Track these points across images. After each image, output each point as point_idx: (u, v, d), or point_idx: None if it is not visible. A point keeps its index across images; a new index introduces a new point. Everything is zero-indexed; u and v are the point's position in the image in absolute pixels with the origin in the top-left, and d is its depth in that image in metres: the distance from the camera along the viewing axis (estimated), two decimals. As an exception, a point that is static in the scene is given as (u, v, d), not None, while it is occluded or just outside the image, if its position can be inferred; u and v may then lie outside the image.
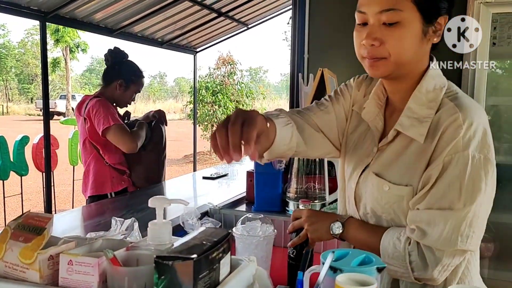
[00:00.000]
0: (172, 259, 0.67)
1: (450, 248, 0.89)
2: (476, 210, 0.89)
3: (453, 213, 0.89)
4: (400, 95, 1.01)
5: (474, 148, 0.89)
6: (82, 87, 38.96)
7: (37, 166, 4.75)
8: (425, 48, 0.95)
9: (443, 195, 0.90)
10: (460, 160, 0.89)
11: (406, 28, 0.90)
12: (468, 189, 0.88)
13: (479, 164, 0.89)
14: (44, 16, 3.65)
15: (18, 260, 0.72)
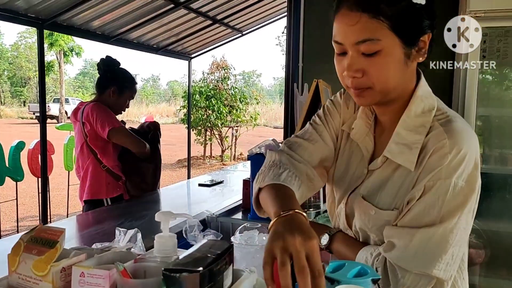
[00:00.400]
0: (179, 271, 0.71)
1: (413, 268, 0.88)
2: (446, 236, 0.87)
3: (420, 231, 0.87)
4: (389, 116, 0.98)
5: (458, 176, 0.86)
6: (75, 90, 38.79)
7: (33, 171, 4.75)
8: (410, 69, 0.91)
9: (418, 215, 0.88)
10: (441, 187, 0.87)
11: (388, 56, 0.85)
12: (443, 214, 0.87)
13: (461, 192, 0.87)
14: (41, 23, 3.68)
15: (32, 272, 0.75)
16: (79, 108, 2.53)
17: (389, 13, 0.83)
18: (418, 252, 0.87)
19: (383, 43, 0.84)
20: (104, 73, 2.60)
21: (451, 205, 0.87)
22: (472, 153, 0.87)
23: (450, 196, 0.86)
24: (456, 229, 0.87)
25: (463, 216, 0.88)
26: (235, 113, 11.56)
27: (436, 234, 0.87)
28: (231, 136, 12.12)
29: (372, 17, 0.83)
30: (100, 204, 2.46)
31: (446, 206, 0.87)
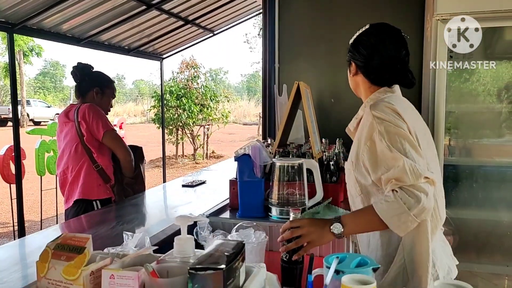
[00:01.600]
0: (204, 269, 0.78)
1: (420, 179, 1.18)
2: (410, 156, 1.21)
3: (399, 163, 1.20)
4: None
5: (385, 124, 1.26)
6: (36, 91, 37.52)
7: (4, 177, 4.64)
8: (357, 80, 1.50)
9: (383, 160, 1.24)
10: (378, 135, 1.26)
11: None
12: (393, 147, 1.23)
13: (394, 134, 1.25)
14: (11, 28, 3.61)
15: (62, 277, 0.80)
16: (71, 109, 2.57)
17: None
18: (413, 169, 1.19)
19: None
20: (82, 77, 2.66)
21: (392, 140, 1.24)
22: (390, 109, 1.30)
23: (387, 135, 1.25)
24: (408, 154, 1.22)
25: (406, 145, 1.23)
26: (206, 111, 11.57)
27: (406, 158, 1.21)
28: (202, 134, 12.11)
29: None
30: (90, 205, 2.49)
31: (390, 142, 1.24)
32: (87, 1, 3.87)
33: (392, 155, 1.22)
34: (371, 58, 1.42)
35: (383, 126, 1.26)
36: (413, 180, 1.17)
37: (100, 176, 2.54)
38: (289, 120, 2.30)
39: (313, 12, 3.12)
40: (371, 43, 1.42)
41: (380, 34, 1.43)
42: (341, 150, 2.55)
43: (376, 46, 1.42)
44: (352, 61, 1.47)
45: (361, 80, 1.47)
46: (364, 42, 1.43)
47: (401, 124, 1.26)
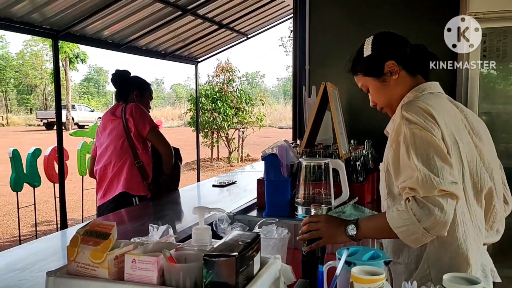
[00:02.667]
0: (218, 256, 0.83)
1: (434, 191, 1.09)
2: (433, 164, 1.12)
3: (417, 171, 1.13)
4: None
5: (413, 126, 1.18)
6: (81, 96, 39.10)
7: (49, 177, 4.89)
8: (394, 85, 1.39)
9: (405, 166, 1.18)
10: (404, 138, 1.20)
11: (372, 89, 1.43)
12: (417, 153, 1.15)
13: (420, 137, 1.17)
14: (56, 35, 3.82)
15: (89, 260, 0.87)
16: (117, 107, 2.74)
17: (359, 68, 1.43)
18: (428, 180, 1.11)
19: (366, 84, 1.44)
20: (122, 83, 2.83)
21: (419, 147, 1.16)
22: (418, 109, 1.21)
23: (413, 139, 1.17)
24: (434, 159, 1.14)
25: (433, 148, 1.15)
26: (241, 114, 11.68)
27: (426, 166, 1.13)
28: (237, 137, 12.24)
29: (356, 74, 1.46)
30: (129, 201, 2.60)
31: (414, 147, 1.17)
32: (126, 8, 4.05)
33: (409, 163, 1.16)
34: (404, 44, 1.39)
35: (409, 129, 1.18)
36: (425, 192, 1.10)
37: (140, 173, 2.66)
38: (317, 121, 2.33)
39: (343, 14, 3.13)
40: (390, 37, 1.42)
41: (386, 34, 1.45)
42: (370, 151, 2.55)
43: (396, 37, 1.42)
44: (388, 63, 1.36)
45: (401, 80, 1.37)
46: (384, 40, 1.42)
47: (431, 127, 1.17)
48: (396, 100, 1.38)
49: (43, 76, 32.21)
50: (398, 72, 1.36)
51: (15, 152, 4.46)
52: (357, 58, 1.44)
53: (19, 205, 4.74)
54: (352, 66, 1.46)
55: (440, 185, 1.09)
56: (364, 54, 1.41)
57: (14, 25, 3.45)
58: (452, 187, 1.10)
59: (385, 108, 1.44)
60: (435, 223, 1.08)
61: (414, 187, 1.12)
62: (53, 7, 3.52)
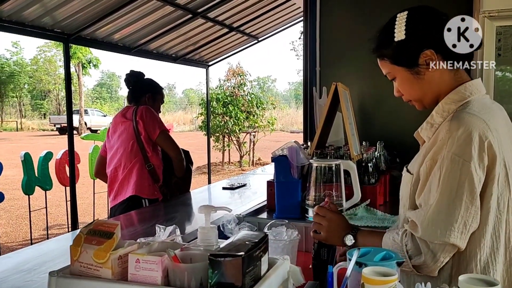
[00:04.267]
0: (223, 256, 0.80)
1: (433, 240, 1.02)
2: (451, 207, 1.01)
3: (429, 208, 1.04)
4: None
5: (455, 151, 1.02)
6: (93, 101, 39.51)
7: (60, 180, 4.92)
8: (430, 79, 1.15)
9: (426, 193, 1.07)
10: (440, 161, 1.04)
11: (400, 79, 1.19)
12: (443, 188, 1.02)
13: (457, 167, 1.01)
14: (67, 38, 3.85)
15: (92, 260, 0.85)
16: (128, 110, 2.71)
17: (387, 53, 1.17)
18: (434, 225, 1.02)
19: (393, 73, 1.19)
20: (135, 84, 2.82)
21: (450, 177, 1.02)
22: (469, 134, 1.02)
23: (447, 168, 1.03)
24: (459, 200, 1.01)
25: (464, 187, 1.01)
26: (252, 118, 11.67)
27: (442, 207, 1.02)
28: (248, 141, 12.22)
29: (381, 59, 1.20)
30: (139, 203, 2.59)
31: (445, 179, 1.03)
32: (136, 12, 4.07)
33: (432, 189, 1.05)
34: (441, 29, 1.11)
35: (451, 155, 1.02)
36: (425, 236, 1.02)
37: (151, 176, 2.64)
38: (328, 122, 2.29)
39: (353, 15, 3.09)
40: (429, 17, 1.14)
41: (424, 11, 1.16)
42: (382, 153, 2.50)
43: (436, 16, 1.14)
44: (426, 53, 1.12)
45: (438, 73, 1.14)
46: (422, 21, 1.14)
47: (477, 158, 1.01)
48: (430, 97, 1.17)
49: (56, 82, 32.64)
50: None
51: (26, 155, 4.50)
52: (384, 40, 1.17)
53: (31, 208, 4.77)
54: (377, 48, 1.20)
55: (444, 237, 1.01)
56: (396, 37, 1.13)
57: (26, 29, 3.49)
58: (457, 240, 1.01)
59: (414, 102, 1.21)
60: (424, 266, 1.04)
61: (417, 225, 1.04)
62: (64, 11, 3.55)
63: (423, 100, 1.19)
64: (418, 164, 1.13)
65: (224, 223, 1.09)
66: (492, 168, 1.03)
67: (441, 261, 1.04)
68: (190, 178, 2.93)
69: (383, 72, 1.23)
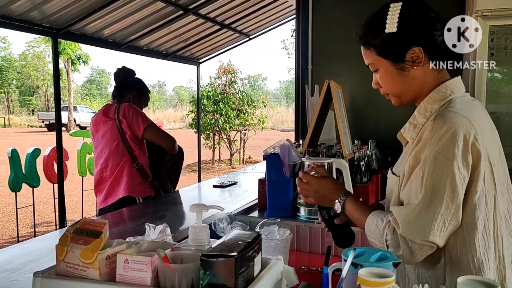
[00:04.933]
0: (216, 256, 0.77)
1: (413, 238, 1.01)
2: (433, 206, 1.00)
3: (411, 206, 1.03)
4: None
5: (438, 150, 1.01)
6: (83, 98, 39.12)
7: (48, 177, 4.85)
8: (413, 76, 1.12)
9: (409, 190, 1.06)
10: (423, 160, 1.03)
11: (383, 72, 1.15)
12: (425, 185, 1.01)
13: (440, 166, 1.00)
14: (56, 33, 3.79)
15: (79, 260, 0.82)
16: (110, 108, 2.63)
17: (374, 43, 1.12)
18: (415, 224, 1.02)
19: (377, 65, 1.15)
20: (124, 80, 2.76)
21: (432, 175, 1.01)
22: (453, 133, 1.00)
23: (430, 167, 1.02)
24: (439, 199, 1.00)
25: (446, 186, 1.00)
26: (243, 116, 11.64)
27: (423, 206, 1.01)
28: (239, 139, 12.19)
29: (366, 48, 1.15)
30: (133, 202, 2.53)
31: (427, 177, 1.02)
32: (127, 7, 4.01)
33: (414, 188, 1.04)
34: (436, 25, 1.09)
35: (434, 153, 1.01)
36: (406, 233, 1.01)
37: (140, 174, 2.60)
38: (320, 120, 2.27)
39: (346, 13, 3.08)
40: (423, 13, 1.10)
41: (418, 5, 1.12)
42: (374, 151, 2.49)
43: (429, 13, 1.10)
44: (414, 50, 1.08)
45: (422, 71, 1.11)
46: (416, 16, 1.09)
47: (461, 157, 1.00)
48: (411, 94, 1.15)
49: (45, 78, 32.26)
50: (422, 62, 1.10)
51: (14, 152, 4.42)
52: (374, 29, 1.12)
53: (18, 205, 4.69)
54: (364, 35, 1.15)
55: (423, 236, 1.00)
56: (386, 28, 1.09)
57: (14, 23, 3.42)
58: (436, 238, 1.01)
59: (392, 97, 1.18)
60: (401, 258, 1.00)
61: (397, 223, 1.03)
62: (53, 5, 3.48)
63: (402, 96, 1.16)
64: (403, 166, 1.10)
65: (216, 222, 1.06)
66: (477, 166, 1.02)
67: (418, 258, 1.04)
68: (182, 162, 2.90)
69: (365, 62, 1.19)
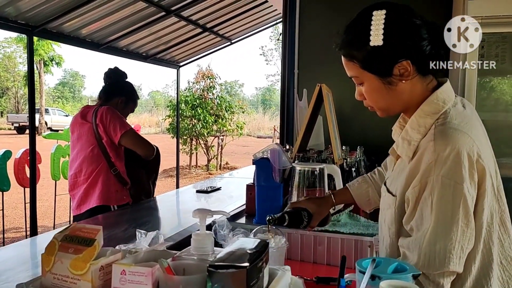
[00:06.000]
0: (225, 267, 0.69)
1: (433, 271, 0.93)
2: (447, 234, 0.93)
3: (424, 238, 0.95)
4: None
5: (444, 174, 0.93)
6: (55, 100, 38.12)
7: (19, 181, 4.63)
8: (402, 90, 1.05)
9: (418, 219, 0.98)
10: (430, 185, 0.95)
11: (368, 86, 1.07)
12: (435, 213, 0.94)
13: (449, 190, 0.93)
14: (31, 31, 3.63)
15: (69, 272, 0.73)
16: (89, 110, 2.48)
17: (358, 56, 1.04)
18: (430, 257, 0.94)
19: (361, 78, 1.07)
20: (114, 82, 2.63)
21: (442, 202, 0.94)
22: (457, 153, 0.93)
23: (439, 193, 0.94)
24: (455, 225, 0.93)
25: (458, 211, 0.93)
26: (220, 122, 11.53)
27: (438, 236, 0.94)
28: (216, 145, 12.07)
29: (349, 60, 1.07)
30: (107, 211, 2.40)
31: (437, 204, 0.94)
32: (106, 6, 3.89)
33: (424, 221, 0.96)
34: (422, 34, 1.01)
35: (440, 177, 0.93)
36: (423, 269, 0.92)
37: (118, 181, 2.47)
38: (310, 125, 2.22)
39: (333, 17, 3.05)
40: (409, 22, 1.02)
41: (403, 12, 1.04)
42: (362, 158, 2.46)
43: (414, 20, 1.02)
44: (402, 64, 1.01)
45: (411, 84, 1.04)
46: (403, 27, 1.01)
47: (467, 177, 0.93)
48: (399, 108, 1.09)
49: (15, 79, 31.26)
50: (410, 75, 1.03)
51: (-18, 154, 4.20)
52: (357, 40, 1.04)
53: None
54: (345, 47, 1.06)
55: (444, 267, 0.92)
56: (371, 41, 1.00)
57: (-14, 18, 3.26)
58: (456, 267, 0.93)
59: (377, 110, 1.11)
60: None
61: (409, 252, 0.96)
62: (29, 1, 3.34)
63: (390, 110, 1.10)
64: (401, 186, 1.04)
65: (217, 229, 0.99)
66: (482, 182, 0.96)
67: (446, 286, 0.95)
68: (159, 162, 2.78)
69: (348, 74, 1.10)
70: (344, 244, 1.73)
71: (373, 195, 1.47)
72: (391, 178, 1.14)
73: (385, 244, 1.12)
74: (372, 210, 1.55)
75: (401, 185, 1.03)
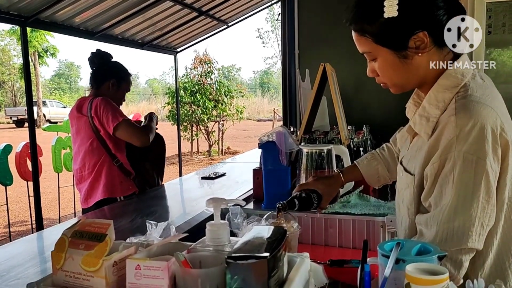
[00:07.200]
0: (245, 258, 0.66)
1: (449, 248, 0.90)
2: (467, 210, 0.90)
3: (442, 214, 0.92)
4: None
5: (467, 149, 0.89)
6: (51, 92, 37.91)
7: (21, 174, 4.60)
8: (418, 64, 0.99)
9: (437, 195, 0.94)
10: (452, 161, 0.91)
11: (382, 61, 1.02)
12: (456, 188, 0.90)
13: (471, 166, 0.89)
14: (24, 21, 3.55)
15: (81, 268, 0.70)
16: (84, 103, 2.43)
17: (370, 30, 0.99)
18: (448, 234, 0.91)
19: (374, 53, 1.02)
20: (100, 66, 2.54)
21: (463, 177, 0.90)
22: (480, 128, 0.89)
23: (461, 169, 0.90)
24: (475, 201, 0.90)
25: (480, 187, 0.90)
26: (220, 107, 11.47)
27: (458, 212, 0.91)
28: (217, 130, 12.03)
29: (361, 35, 1.02)
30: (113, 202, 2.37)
31: (458, 179, 0.91)
32: (99, -7, 3.79)
33: (443, 197, 0.92)
34: (436, 5, 0.96)
35: (462, 153, 0.89)
36: (441, 245, 0.89)
37: (121, 172, 2.43)
38: (315, 105, 2.18)
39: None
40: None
41: None
42: (369, 137, 2.42)
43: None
44: (418, 35, 0.96)
45: (427, 57, 0.99)
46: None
47: (490, 152, 0.90)
48: (414, 83, 1.04)
49: (11, 72, 31.03)
50: (427, 47, 0.97)
51: (-17, 149, 4.16)
52: (369, 13, 0.99)
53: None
54: (357, 21, 1.02)
55: (462, 244, 0.90)
56: (385, 13, 0.95)
57: (-23, 10, 3.17)
58: (475, 244, 0.91)
59: (392, 87, 1.06)
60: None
61: (427, 230, 0.93)
62: (21, -9, 3.25)
63: (405, 86, 1.04)
64: (419, 164, 0.99)
65: (230, 217, 0.95)
66: (505, 157, 0.92)
67: (464, 266, 0.92)
68: (165, 152, 2.75)
69: (359, 50, 1.05)
70: (355, 225, 1.71)
71: (383, 172, 1.45)
72: (407, 157, 1.09)
73: (403, 225, 1.08)
74: (381, 186, 1.54)
75: (420, 163, 0.99)
